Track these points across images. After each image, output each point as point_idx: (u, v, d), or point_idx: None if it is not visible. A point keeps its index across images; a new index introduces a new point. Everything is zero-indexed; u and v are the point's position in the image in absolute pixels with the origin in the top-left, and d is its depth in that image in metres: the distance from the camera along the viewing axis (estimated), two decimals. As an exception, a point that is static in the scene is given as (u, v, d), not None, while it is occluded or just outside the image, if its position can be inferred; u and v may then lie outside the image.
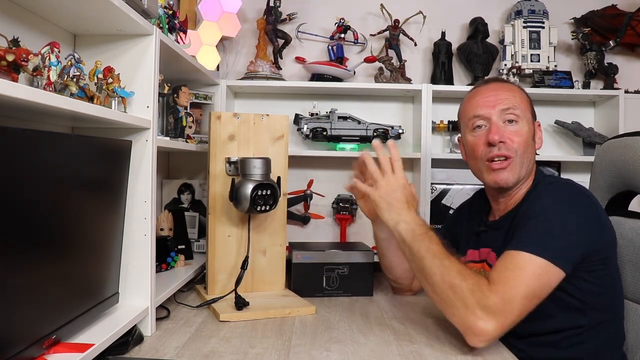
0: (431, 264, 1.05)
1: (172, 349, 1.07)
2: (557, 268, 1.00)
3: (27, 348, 0.79)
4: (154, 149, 1.16)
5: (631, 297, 1.17)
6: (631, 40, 2.10)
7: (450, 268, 1.02)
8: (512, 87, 1.24)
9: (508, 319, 0.96)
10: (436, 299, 1.06)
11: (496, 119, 1.18)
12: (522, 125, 1.18)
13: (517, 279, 0.98)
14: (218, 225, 1.45)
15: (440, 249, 1.07)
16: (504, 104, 1.18)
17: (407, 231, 1.12)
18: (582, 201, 1.10)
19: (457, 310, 1.00)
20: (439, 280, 1.03)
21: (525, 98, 1.23)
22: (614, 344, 1.13)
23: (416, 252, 1.08)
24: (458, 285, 0.99)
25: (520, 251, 1.01)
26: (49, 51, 0.86)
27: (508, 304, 0.96)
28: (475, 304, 0.96)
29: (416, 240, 1.09)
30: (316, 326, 1.24)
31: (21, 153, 0.73)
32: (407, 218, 1.14)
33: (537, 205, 1.10)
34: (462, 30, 2.19)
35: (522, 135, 1.17)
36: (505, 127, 1.17)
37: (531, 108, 1.23)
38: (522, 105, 1.20)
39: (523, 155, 1.17)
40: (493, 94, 1.20)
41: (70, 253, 0.92)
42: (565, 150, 2.16)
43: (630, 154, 1.18)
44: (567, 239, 1.03)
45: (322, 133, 1.96)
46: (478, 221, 1.31)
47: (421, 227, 1.12)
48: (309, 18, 2.15)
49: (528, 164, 1.19)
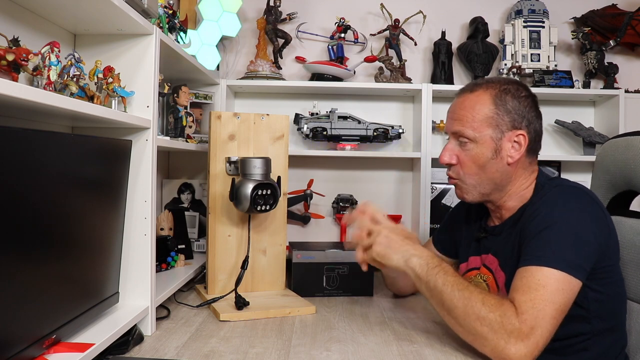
0: (451, 297, 1.02)
1: (172, 349, 1.07)
2: (576, 279, 0.98)
3: (28, 348, 0.79)
4: (154, 149, 1.16)
5: (632, 298, 1.17)
6: (631, 39, 2.10)
7: (472, 299, 0.99)
8: (471, 102, 1.15)
9: (541, 341, 0.95)
10: (462, 332, 1.02)
11: (452, 138, 1.19)
12: (472, 146, 1.14)
13: (543, 299, 0.95)
14: (218, 225, 1.45)
15: (457, 280, 1.04)
16: (455, 125, 1.16)
17: (421, 266, 1.09)
18: (591, 207, 1.08)
19: (487, 342, 0.97)
20: (462, 314, 1.00)
21: (486, 113, 1.13)
22: (617, 348, 1.12)
23: (433, 287, 1.06)
24: (485, 316, 0.96)
25: (540, 266, 0.99)
26: (49, 51, 0.86)
27: (539, 327, 0.94)
28: (506, 332, 0.94)
29: (431, 275, 1.06)
30: (316, 326, 1.24)
31: (21, 153, 0.73)
32: (415, 252, 1.12)
33: (546, 213, 1.06)
34: (462, 29, 2.19)
35: (470, 158, 1.15)
36: (460, 147, 1.17)
37: (496, 122, 1.13)
38: (477, 123, 1.13)
39: (473, 177, 1.16)
40: (452, 110, 1.20)
41: (70, 253, 0.92)
42: (565, 150, 2.16)
43: (631, 154, 1.18)
44: (582, 249, 1.02)
45: (322, 133, 1.96)
46: (477, 227, 1.29)
47: (434, 259, 1.09)
48: (309, 18, 2.15)
49: (489, 183, 1.15)
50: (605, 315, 1.08)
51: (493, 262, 1.18)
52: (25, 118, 0.98)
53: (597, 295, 1.06)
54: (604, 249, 1.06)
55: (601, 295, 1.06)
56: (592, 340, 1.07)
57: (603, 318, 1.08)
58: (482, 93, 1.16)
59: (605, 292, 1.07)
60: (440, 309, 1.06)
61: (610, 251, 1.09)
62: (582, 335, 1.07)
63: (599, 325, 1.07)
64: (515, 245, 1.11)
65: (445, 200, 2.03)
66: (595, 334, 1.07)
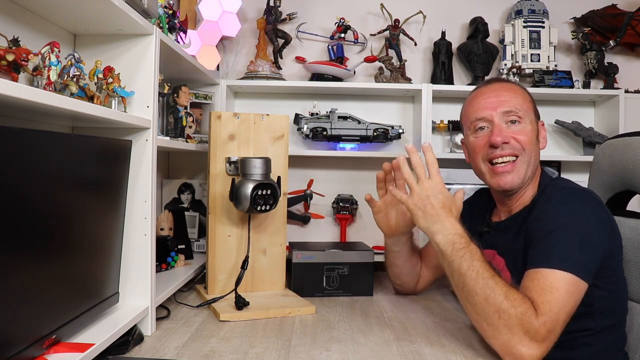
0: (474, 284, 1.00)
1: (172, 349, 1.07)
2: (583, 282, 0.99)
3: (28, 348, 0.79)
4: (154, 149, 1.16)
5: (632, 297, 1.17)
6: (631, 39, 2.10)
7: (496, 290, 0.98)
8: (514, 87, 1.23)
9: (551, 344, 0.95)
10: (476, 319, 1.02)
11: (498, 120, 1.17)
12: (525, 124, 1.17)
13: (557, 303, 0.96)
14: (218, 225, 1.45)
15: (484, 266, 1.01)
16: (505, 105, 1.17)
17: (447, 244, 1.06)
18: (596, 209, 1.09)
19: (500, 335, 0.96)
20: (482, 302, 0.98)
21: (528, 98, 1.22)
22: (618, 345, 1.13)
23: (457, 269, 1.04)
24: (506, 310, 0.95)
25: (551, 269, 0.99)
26: (49, 51, 0.86)
27: (553, 331, 0.95)
28: (523, 331, 0.94)
29: (457, 255, 1.04)
30: (316, 326, 1.24)
31: (21, 153, 0.73)
32: (444, 228, 1.08)
33: (554, 215, 1.07)
34: (462, 30, 2.19)
35: (526, 134, 1.16)
36: (508, 127, 1.17)
37: (534, 108, 1.22)
38: (524, 105, 1.18)
39: (530, 154, 1.16)
40: (494, 94, 1.20)
41: (70, 253, 0.92)
42: (565, 150, 2.16)
43: (630, 154, 1.18)
44: (590, 251, 1.02)
45: (322, 133, 1.96)
46: (481, 221, 1.30)
47: (461, 239, 1.06)
48: (309, 18, 2.15)
49: (534, 164, 1.18)
50: (609, 312, 1.09)
51: (500, 262, 1.18)
52: (25, 118, 0.98)
53: (602, 293, 1.07)
54: (609, 249, 1.07)
55: (606, 292, 1.07)
56: (594, 336, 1.08)
57: (606, 315, 1.09)
58: (515, 85, 1.25)
59: (610, 290, 1.08)
60: (459, 291, 1.05)
61: (614, 250, 1.10)
62: (585, 331, 1.08)
63: (602, 322, 1.08)
64: (521, 246, 1.12)
65: (445, 200, 2.02)
66: (598, 330, 1.08)
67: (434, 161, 1.15)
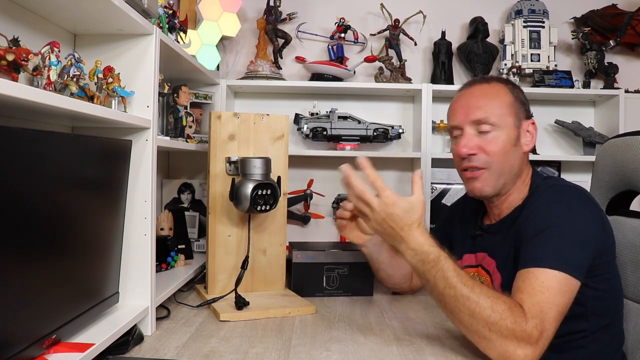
0: (455, 302, 0.97)
1: (172, 349, 1.07)
2: (575, 280, 0.99)
3: (28, 348, 0.79)
4: (154, 149, 1.16)
5: (632, 297, 1.17)
6: (631, 39, 2.10)
7: (480, 304, 0.95)
8: (493, 89, 1.17)
9: (546, 343, 0.95)
10: (467, 333, 1.00)
11: (469, 129, 1.14)
12: (498, 133, 1.13)
13: (548, 302, 0.95)
14: (218, 225, 1.45)
15: (460, 279, 0.98)
16: (476, 114, 1.13)
17: (417, 262, 1.03)
18: (587, 206, 1.08)
19: (494, 346, 0.95)
20: (468, 319, 0.96)
21: (508, 100, 1.15)
22: (614, 345, 1.13)
23: (433, 287, 1.01)
24: (495, 323, 0.93)
25: (542, 268, 0.98)
26: (49, 51, 0.86)
27: (545, 330, 0.94)
28: (517, 338, 0.93)
29: (430, 274, 1.01)
30: (316, 326, 1.24)
31: (21, 153, 0.73)
32: (409, 248, 1.03)
33: (545, 213, 1.07)
34: (462, 29, 2.19)
35: (497, 144, 1.12)
36: (479, 136, 1.14)
37: (517, 109, 1.16)
38: (501, 110, 1.14)
39: (500, 165, 1.13)
40: (467, 101, 1.17)
41: (70, 253, 0.92)
42: (565, 150, 2.16)
43: (631, 153, 1.18)
44: (581, 248, 1.02)
45: (322, 133, 1.96)
46: (473, 224, 1.29)
47: (430, 255, 1.01)
48: (309, 18, 2.15)
49: (510, 171, 1.15)
50: (603, 312, 1.09)
51: (491, 264, 1.18)
52: (25, 118, 0.98)
53: (594, 293, 1.06)
54: (601, 247, 1.07)
55: (598, 292, 1.07)
56: (589, 337, 1.08)
57: (600, 315, 1.08)
58: (497, 84, 1.19)
59: (602, 290, 1.08)
60: (442, 307, 1.03)
61: (606, 248, 1.09)
62: (580, 333, 1.07)
63: (596, 323, 1.08)
64: (512, 247, 1.11)
65: (445, 200, 2.03)
66: (592, 332, 1.08)
67: (376, 176, 1.05)
